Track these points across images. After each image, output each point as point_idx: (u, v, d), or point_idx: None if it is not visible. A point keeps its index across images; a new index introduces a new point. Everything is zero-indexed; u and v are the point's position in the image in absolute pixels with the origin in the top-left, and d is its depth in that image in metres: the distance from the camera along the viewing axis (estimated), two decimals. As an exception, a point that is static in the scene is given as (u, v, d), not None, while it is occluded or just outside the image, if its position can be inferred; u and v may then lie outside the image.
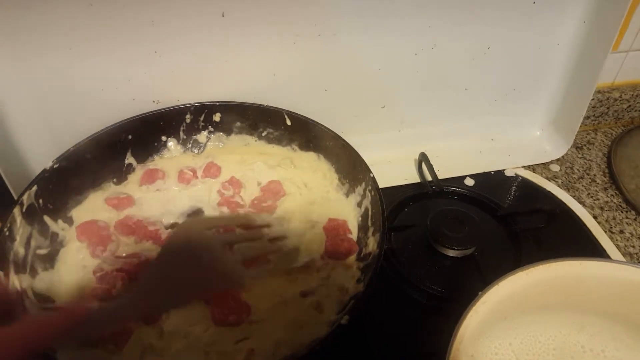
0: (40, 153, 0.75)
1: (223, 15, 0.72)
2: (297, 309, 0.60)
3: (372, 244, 0.65)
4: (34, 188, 0.66)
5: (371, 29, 0.79)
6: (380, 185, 0.67)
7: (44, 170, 0.68)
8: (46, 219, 0.67)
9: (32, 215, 0.65)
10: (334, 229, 0.69)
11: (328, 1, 0.74)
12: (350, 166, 0.74)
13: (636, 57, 0.97)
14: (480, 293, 0.49)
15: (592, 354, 0.56)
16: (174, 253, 0.58)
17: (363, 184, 0.71)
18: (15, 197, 0.70)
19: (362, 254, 0.66)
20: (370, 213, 0.68)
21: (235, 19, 0.73)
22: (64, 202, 0.71)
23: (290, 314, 0.60)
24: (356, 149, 0.74)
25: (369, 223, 0.68)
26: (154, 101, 0.79)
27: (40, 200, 0.67)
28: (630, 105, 1.03)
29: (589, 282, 0.53)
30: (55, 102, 0.74)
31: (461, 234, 0.75)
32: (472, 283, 0.73)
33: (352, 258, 0.66)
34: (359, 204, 0.72)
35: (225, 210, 0.73)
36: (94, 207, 0.73)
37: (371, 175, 0.69)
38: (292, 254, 0.66)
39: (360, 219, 0.71)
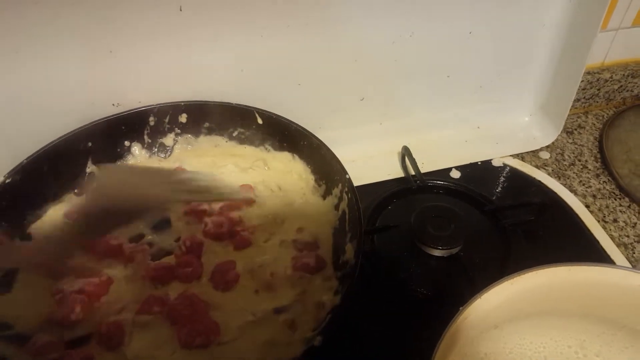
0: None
1: (181, 10, 0.67)
2: (270, 328, 0.56)
3: (349, 250, 0.60)
4: (-15, 205, 0.61)
5: (345, 17, 0.74)
6: (362, 182, 0.63)
7: (-4, 186, 0.63)
8: (1, 238, 0.62)
9: (-17, 234, 0.60)
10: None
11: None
12: (326, 166, 0.69)
13: (626, 34, 0.92)
14: (461, 308, 0.45)
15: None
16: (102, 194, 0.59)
17: (340, 185, 0.66)
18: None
19: (340, 261, 0.62)
20: (347, 217, 0.64)
21: (194, 12, 0.67)
22: (20, 218, 0.66)
23: (262, 334, 0.56)
24: (335, 145, 0.69)
25: (347, 227, 0.63)
26: (113, 104, 0.74)
27: (-8, 218, 0.62)
28: (621, 86, 0.99)
29: (578, 287, 0.49)
30: (5, 112, 0.69)
31: (446, 232, 0.70)
32: (460, 283, 0.69)
33: (328, 269, 0.62)
34: (336, 207, 0.67)
35: (191, 219, 0.68)
36: (54, 222, 0.68)
37: (347, 176, 0.64)
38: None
39: (337, 222, 0.66)
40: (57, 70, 0.68)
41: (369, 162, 0.85)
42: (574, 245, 0.74)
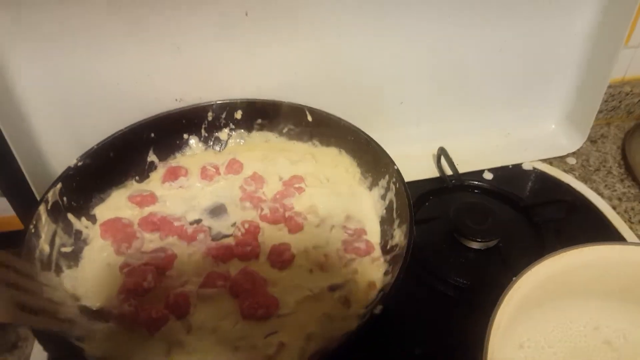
0: (61, 152, 0.76)
1: (247, 14, 0.73)
2: (326, 303, 0.60)
3: (398, 235, 0.65)
4: (59, 186, 0.66)
5: (388, 29, 0.80)
6: (401, 174, 0.68)
7: (69, 168, 0.68)
8: (70, 216, 0.68)
9: (56, 213, 0.65)
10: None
11: (349, 3, 0.75)
12: (373, 160, 0.74)
13: (647, 51, 0.98)
14: (514, 279, 0.50)
15: (626, 342, 0.56)
16: None
17: (387, 177, 0.71)
18: (37, 197, 0.71)
19: (387, 247, 0.66)
20: (395, 205, 0.69)
21: (257, 17, 0.73)
22: (87, 200, 0.71)
23: (318, 308, 0.60)
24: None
25: (394, 215, 0.68)
26: (176, 99, 0.79)
27: (65, 198, 0.67)
28: (641, 99, 1.04)
29: (620, 266, 0.53)
30: (76, 101, 0.75)
31: (484, 225, 0.75)
32: (497, 274, 0.72)
33: (376, 252, 0.66)
34: (383, 197, 0.72)
35: (247, 205, 0.73)
36: (117, 204, 0.73)
37: (395, 167, 0.69)
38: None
39: (384, 211, 0.71)
40: (126, 65, 0.74)
41: (407, 162, 0.87)
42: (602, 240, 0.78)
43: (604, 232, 0.80)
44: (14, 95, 0.70)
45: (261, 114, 0.82)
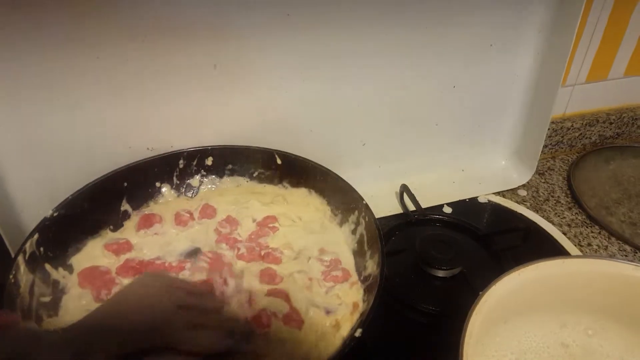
0: (34, 204, 0.76)
1: (215, 67, 0.78)
2: (321, 326, 0.63)
3: (371, 266, 0.69)
4: (35, 236, 0.66)
5: (348, 73, 0.86)
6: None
7: (45, 219, 0.69)
8: (47, 267, 0.67)
9: (33, 263, 0.65)
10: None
11: (307, 54, 0.81)
12: (342, 197, 0.78)
13: (582, 90, 1.09)
14: (480, 293, 0.54)
15: (584, 351, 0.61)
16: (120, 302, 0.57)
17: (356, 212, 0.75)
18: (10, 249, 0.71)
19: (361, 277, 0.70)
20: (365, 238, 0.73)
21: (226, 70, 0.78)
22: (63, 250, 0.71)
23: (313, 333, 0.62)
24: (343, 179, 0.79)
25: (365, 247, 0.72)
26: (147, 148, 0.82)
27: (41, 249, 0.67)
28: (581, 134, 1.14)
29: (572, 278, 0.58)
30: (48, 153, 0.76)
31: (448, 255, 0.80)
32: (463, 299, 0.76)
33: (353, 278, 0.70)
34: (354, 232, 0.76)
35: (224, 246, 0.75)
36: (94, 254, 0.73)
37: (364, 202, 0.74)
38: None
39: (356, 245, 0.75)
40: (100, 117, 0.76)
41: (372, 200, 0.92)
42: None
43: (557, 255, 0.86)
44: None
45: (231, 160, 0.85)
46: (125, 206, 0.80)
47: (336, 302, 0.65)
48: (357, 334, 0.55)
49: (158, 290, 0.59)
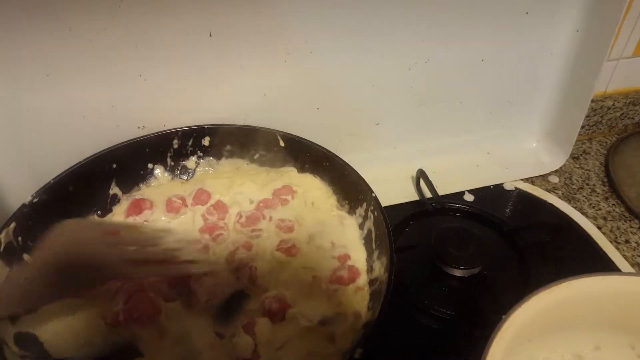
0: (18, 187, 0.70)
1: (210, 35, 0.69)
2: (313, 340, 0.57)
3: (378, 268, 0.61)
4: (12, 225, 0.61)
5: (362, 45, 0.77)
6: (379, 201, 0.65)
7: (23, 205, 0.63)
8: (26, 257, 0.62)
9: (10, 255, 0.60)
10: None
11: (318, 19, 0.72)
12: (350, 186, 0.71)
13: (627, 64, 0.97)
14: (504, 317, 0.46)
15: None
16: (49, 256, 0.54)
17: (364, 205, 0.68)
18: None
19: (369, 279, 0.62)
20: (373, 235, 0.65)
21: (223, 38, 0.70)
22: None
23: (304, 346, 0.56)
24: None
25: (373, 245, 0.64)
26: (138, 127, 0.75)
27: (20, 238, 0.62)
28: (623, 113, 1.02)
29: (608, 298, 0.50)
30: (33, 132, 0.70)
31: (467, 252, 0.72)
32: (482, 304, 0.70)
33: (361, 280, 0.63)
34: (361, 226, 0.69)
35: (206, 237, 0.68)
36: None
37: (373, 194, 0.65)
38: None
39: (363, 241, 0.67)
40: (84, 93, 0.70)
41: (384, 186, 0.86)
42: (590, 266, 0.76)
43: (590, 254, 0.78)
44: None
45: (230, 140, 0.78)
46: (114, 189, 0.74)
47: (335, 310, 0.59)
48: (357, 355, 0.48)
49: (80, 238, 0.57)
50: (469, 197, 0.87)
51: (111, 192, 0.73)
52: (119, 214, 0.72)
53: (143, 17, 0.65)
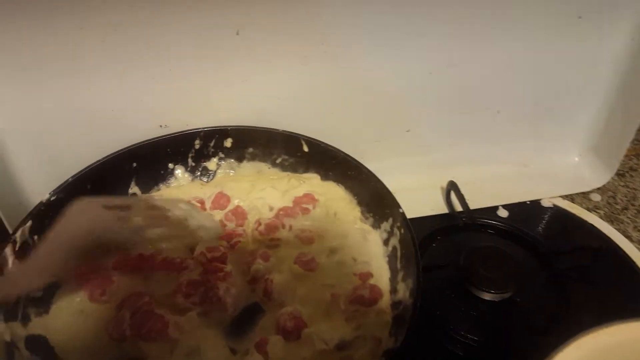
0: (37, 183, 0.69)
1: (238, 33, 0.66)
2: None
3: (402, 290, 0.57)
4: (29, 223, 0.60)
5: (389, 47, 0.73)
6: (406, 216, 0.61)
7: (40, 204, 0.62)
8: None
9: (25, 254, 0.58)
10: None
11: (351, 21, 0.68)
12: (375, 199, 0.67)
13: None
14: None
15: None
16: (61, 237, 0.54)
17: (390, 220, 0.64)
18: (11, 232, 0.64)
19: (391, 302, 0.59)
20: (399, 253, 0.61)
21: (250, 37, 0.67)
22: (62, 236, 0.64)
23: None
24: (377, 175, 0.67)
25: (398, 265, 0.61)
26: (160, 126, 0.73)
27: (36, 237, 0.60)
28: (676, 128, 0.95)
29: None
30: (53, 128, 0.69)
31: (499, 274, 0.67)
32: (512, 332, 0.65)
33: (384, 302, 0.59)
34: (386, 242, 0.65)
35: (224, 244, 0.66)
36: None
37: (400, 210, 0.62)
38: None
39: (387, 259, 0.63)
40: (107, 89, 0.68)
41: (412, 195, 0.80)
42: (634, 295, 0.70)
43: (635, 283, 0.72)
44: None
45: (253, 143, 0.75)
46: (133, 189, 0.72)
47: (354, 333, 0.55)
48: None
49: (90, 215, 0.56)
50: (502, 213, 0.81)
51: (130, 191, 0.72)
52: (137, 215, 0.70)
53: (168, 12, 0.63)
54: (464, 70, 0.78)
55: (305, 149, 0.73)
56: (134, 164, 0.71)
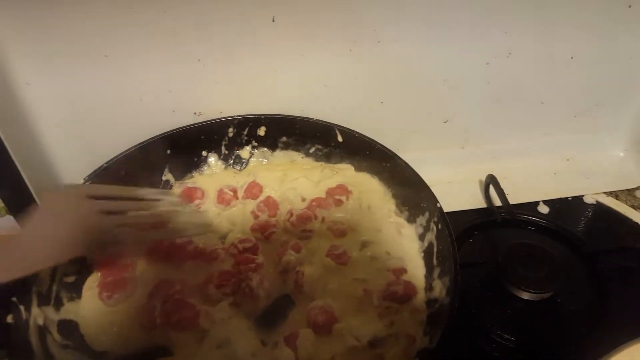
0: (74, 168, 0.69)
1: (273, 20, 0.65)
2: None
3: (439, 288, 0.56)
4: (65, 209, 0.60)
5: (437, 35, 0.70)
6: (443, 210, 0.59)
7: (75, 190, 0.62)
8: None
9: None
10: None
11: (390, 4, 0.66)
12: (411, 192, 0.65)
13: None
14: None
15: None
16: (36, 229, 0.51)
17: (427, 214, 0.62)
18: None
19: (426, 299, 0.57)
20: (435, 249, 0.59)
21: (286, 24, 0.65)
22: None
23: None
24: (413, 167, 0.65)
25: (434, 261, 0.59)
26: (195, 113, 0.72)
27: (70, 223, 0.61)
28: None
29: None
30: (90, 115, 0.69)
31: (539, 273, 0.64)
32: (551, 334, 0.63)
33: (419, 300, 0.57)
34: (421, 237, 0.63)
35: (258, 235, 0.65)
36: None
37: (438, 205, 0.60)
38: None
39: (422, 254, 0.62)
40: (142, 75, 0.67)
41: (448, 189, 0.78)
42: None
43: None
44: (22, 110, 0.65)
45: (286, 132, 0.74)
46: (167, 175, 0.72)
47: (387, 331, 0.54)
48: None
49: (72, 204, 0.54)
50: (543, 209, 0.78)
51: (164, 178, 0.72)
52: (170, 201, 0.70)
53: (202, 1, 0.61)
54: (512, 62, 0.75)
55: (340, 139, 0.72)
56: (168, 151, 0.71)
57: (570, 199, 0.81)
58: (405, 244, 0.64)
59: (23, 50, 0.61)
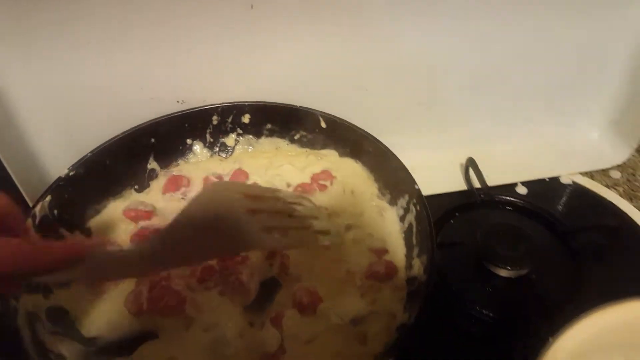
0: (57, 158, 0.70)
1: (252, 7, 0.65)
2: (342, 339, 0.54)
3: (417, 266, 0.58)
4: (48, 198, 0.61)
5: (421, 21, 0.71)
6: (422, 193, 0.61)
7: (59, 179, 0.63)
8: (62, 231, 0.62)
9: (46, 227, 0.60)
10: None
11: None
12: (392, 175, 0.67)
13: None
14: (550, 339, 0.42)
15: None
16: (195, 213, 0.50)
17: (406, 196, 0.64)
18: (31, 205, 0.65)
19: (406, 277, 0.59)
20: (414, 230, 0.61)
21: (265, 10, 0.66)
22: (81, 212, 0.66)
23: (333, 345, 0.53)
24: (395, 152, 0.67)
25: (414, 241, 0.61)
26: (178, 101, 0.73)
27: (55, 211, 0.61)
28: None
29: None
30: (72, 103, 0.69)
31: (516, 252, 0.67)
32: (528, 309, 0.65)
33: (400, 278, 0.59)
34: (402, 218, 0.65)
35: None
36: (113, 217, 0.67)
37: (416, 187, 0.61)
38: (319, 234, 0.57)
39: (403, 235, 0.64)
40: (124, 65, 0.68)
41: (429, 172, 0.80)
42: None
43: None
44: (3, 99, 0.65)
45: (271, 119, 0.75)
46: (152, 164, 0.73)
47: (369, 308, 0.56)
48: (389, 362, 0.45)
49: (225, 198, 0.52)
50: (521, 190, 0.81)
51: (149, 166, 0.72)
52: (156, 190, 0.72)
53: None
54: (487, 46, 0.76)
55: (323, 125, 0.73)
56: (152, 140, 0.71)
57: (547, 180, 0.83)
58: (387, 226, 0.65)
59: (3, 40, 0.60)
